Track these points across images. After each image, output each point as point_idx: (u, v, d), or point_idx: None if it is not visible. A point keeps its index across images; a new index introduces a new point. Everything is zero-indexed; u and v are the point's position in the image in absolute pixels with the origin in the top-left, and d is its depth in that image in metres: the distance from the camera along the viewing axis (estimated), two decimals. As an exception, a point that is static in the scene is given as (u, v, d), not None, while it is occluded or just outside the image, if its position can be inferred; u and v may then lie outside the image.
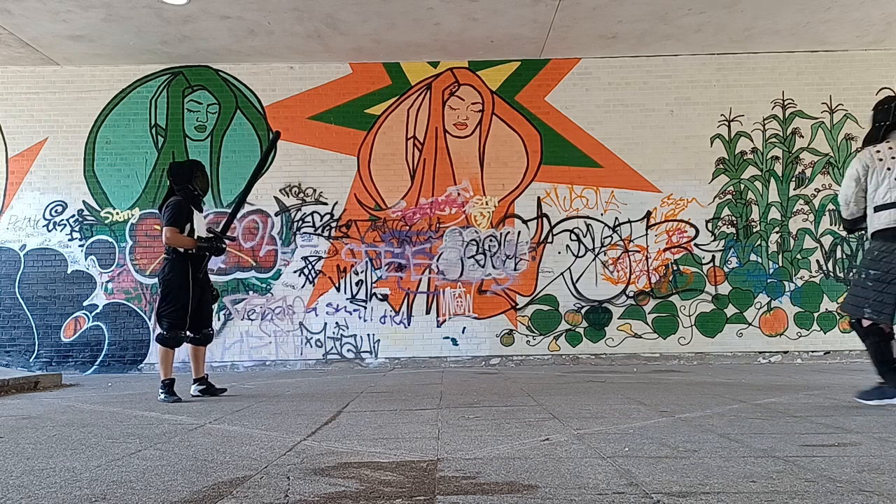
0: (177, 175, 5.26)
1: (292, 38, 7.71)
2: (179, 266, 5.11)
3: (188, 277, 5.12)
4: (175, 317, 5.08)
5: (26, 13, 6.96)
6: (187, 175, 5.24)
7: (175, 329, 5.08)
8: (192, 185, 5.23)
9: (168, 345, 5.11)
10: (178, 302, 5.09)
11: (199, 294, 5.21)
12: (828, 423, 3.42)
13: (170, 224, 5.07)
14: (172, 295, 5.10)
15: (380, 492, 2.21)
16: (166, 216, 5.10)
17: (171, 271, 5.12)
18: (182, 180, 5.23)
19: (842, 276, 8.23)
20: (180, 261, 5.12)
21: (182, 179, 5.23)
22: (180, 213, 5.10)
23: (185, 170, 5.29)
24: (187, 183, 5.23)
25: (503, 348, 8.17)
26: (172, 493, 2.28)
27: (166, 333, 5.09)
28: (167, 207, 5.15)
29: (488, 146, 8.38)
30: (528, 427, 3.46)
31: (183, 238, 5.09)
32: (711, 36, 7.91)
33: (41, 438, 3.48)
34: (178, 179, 5.24)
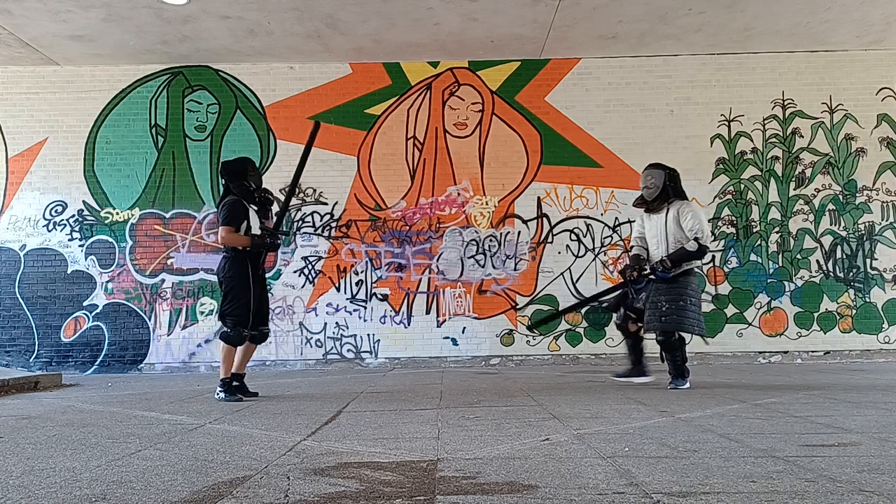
0: (231, 172, 5.18)
1: (292, 38, 7.71)
2: (239, 264, 5.06)
3: (248, 275, 5.07)
4: (239, 314, 5.02)
5: (26, 13, 6.96)
6: (242, 171, 5.18)
7: (240, 327, 5.02)
8: (247, 182, 5.17)
9: (232, 342, 5.05)
10: (242, 299, 5.02)
11: (258, 291, 5.15)
12: (828, 423, 3.42)
13: (225, 223, 5.02)
14: (235, 293, 5.04)
15: (380, 492, 2.21)
16: (222, 215, 5.06)
17: (231, 269, 5.07)
18: (237, 177, 5.15)
19: (842, 276, 8.23)
20: (240, 259, 5.07)
21: (237, 176, 5.15)
22: (236, 212, 5.06)
23: (239, 166, 5.22)
24: (242, 179, 5.16)
25: (503, 348, 8.17)
26: (172, 493, 2.28)
27: (231, 332, 5.02)
28: (223, 207, 5.10)
29: (488, 146, 8.38)
30: (528, 427, 3.46)
31: (238, 237, 5.06)
32: (711, 36, 7.91)
33: (41, 438, 3.48)
34: (232, 177, 5.16)
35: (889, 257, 8.26)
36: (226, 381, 5.01)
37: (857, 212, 8.30)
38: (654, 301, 5.10)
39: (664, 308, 5.03)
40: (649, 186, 5.25)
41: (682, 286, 5.06)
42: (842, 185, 8.33)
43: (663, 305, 5.03)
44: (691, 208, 5.17)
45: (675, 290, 5.06)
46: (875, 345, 8.15)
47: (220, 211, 5.11)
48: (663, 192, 5.21)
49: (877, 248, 8.27)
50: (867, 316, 8.18)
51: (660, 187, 5.22)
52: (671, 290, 5.06)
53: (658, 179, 5.23)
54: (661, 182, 5.22)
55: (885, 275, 8.23)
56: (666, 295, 5.05)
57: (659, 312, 5.04)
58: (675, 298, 5.02)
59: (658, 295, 5.09)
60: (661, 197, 5.22)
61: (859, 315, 8.18)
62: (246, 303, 5.04)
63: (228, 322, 5.04)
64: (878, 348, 8.13)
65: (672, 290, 5.06)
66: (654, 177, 5.24)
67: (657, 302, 5.07)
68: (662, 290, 5.08)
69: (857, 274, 8.24)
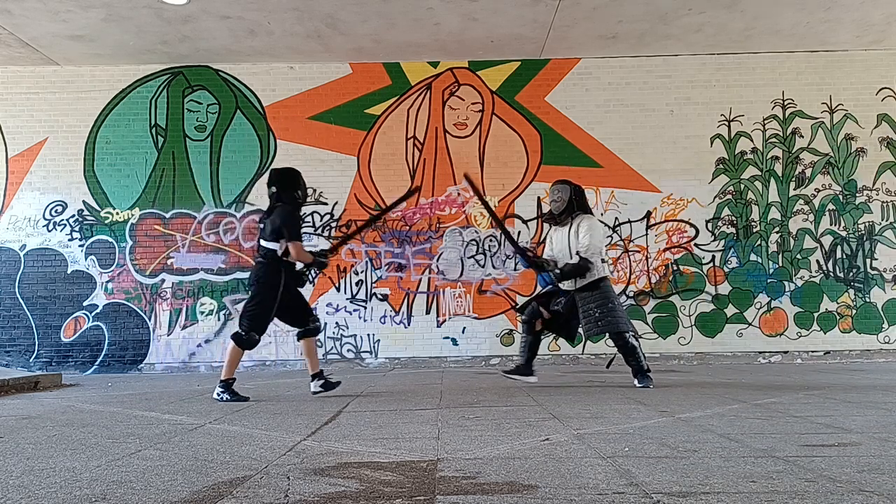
0: (286, 181, 5.11)
1: (292, 38, 7.71)
2: (276, 271, 5.02)
3: (280, 283, 5.02)
4: (258, 321, 5.01)
5: (26, 13, 6.96)
6: (295, 182, 5.13)
7: (254, 332, 5.01)
8: (297, 193, 5.14)
9: (243, 346, 5.04)
10: (266, 306, 5.00)
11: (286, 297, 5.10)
12: (828, 423, 3.42)
13: (295, 238, 4.97)
14: (261, 297, 5.01)
15: (380, 492, 2.21)
16: (289, 230, 4.96)
17: (266, 275, 5.02)
18: (292, 186, 5.10)
19: (842, 276, 8.23)
20: (277, 266, 5.02)
21: (292, 186, 5.10)
22: (299, 226, 5.09)
23: (293, 177, 5.15)
24: (296, 190, 5.11)
25: (503, 348, 8.17)
26: (172, 493, 2.28)
27: (245, 335, 5.01)
28: (285, 218, 4.99)
29: (488, 146, 8.38)
30: (528, 427, 3.46)
31: (306, 254, 5.06)
32: (711, 36, 7.91)
33: (41, 438, 3.48)
34: (286, 185, 5.09)
35: (889, 257, 8.26)
36: (227, 382, 4.98)
37: (857, 212, 8.30)
38: (585, 310, 5.36)
39: (597, 314, 5.31)
40: (556, 200, 5.52)
41: (603, 291, 5.38)
42: (842, 185, 8.33)
43: (596, 311, 5.32)
44: (588, 223, 5.45)
45: (601, 296, 5.36)
46: (875, 345, 8.15)
47: (282, 222, 4.97)
48: (569, 206, 5.48)
49: (877, 248, 8.27)
50: (867, 316, 8.18)
51: (566, 201, 5.48)
52: (597, 297, 5.36)
53: (564, 194, 5.49)
54: (567, 196, 5.48)
55: (885, 275, 8.23)
56: (594, 302, 5.35)
57: (595, 318, 5.32)
58: (603, 303, 5.33)
59: (587, 304, 5.36)
60: (566, 210, 5.50)
61: (859, 315, 8.18)
62: (269, 310, 5.02)
63: (245, 324, 5.03)
64: (878, 348, 8.13)
65: (597, 297, 5.36)
66: (560, 191, 5.51)
67: (589, 310, 5.35)
68: (589, 298, 5.37)
69: (857, 274, 8.24)
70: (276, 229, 4.97)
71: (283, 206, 5.04)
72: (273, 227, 4.99)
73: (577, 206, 5.49)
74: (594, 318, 5.31)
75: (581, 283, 5.40)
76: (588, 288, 5.39)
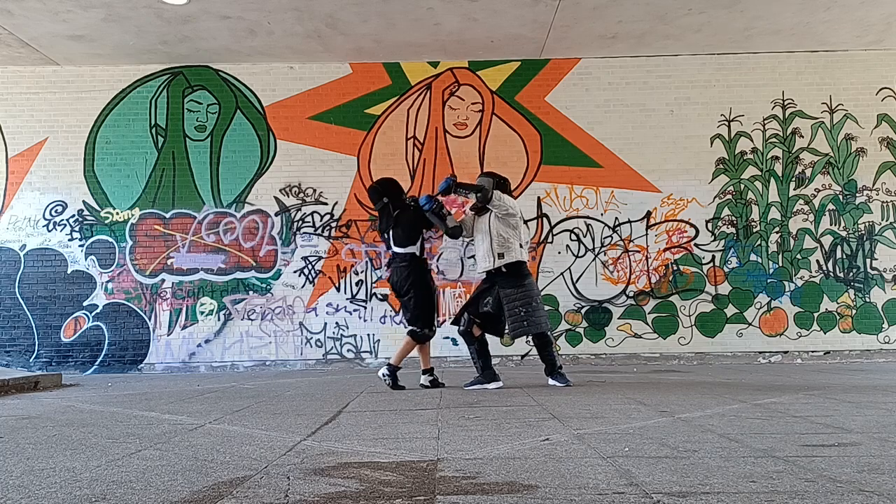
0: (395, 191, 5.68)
1: (292, 38, 7.72)
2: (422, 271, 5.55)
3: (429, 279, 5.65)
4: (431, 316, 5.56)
5: (26, 13, 6.96)
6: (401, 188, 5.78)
7: (428, 328, 5.55)
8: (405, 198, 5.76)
9: (421, 340, 5.56)
10: (430, 301, 5.56)
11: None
12: (828, 423, 3.42)
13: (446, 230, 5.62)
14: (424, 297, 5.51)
15: (380, 492, 2.21)
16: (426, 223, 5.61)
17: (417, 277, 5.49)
18: (400, 192, 5.72)
19: (842, 276, 8.24)
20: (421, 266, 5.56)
21: (400, 192, 5.73)
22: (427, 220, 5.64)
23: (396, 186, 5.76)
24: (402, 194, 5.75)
25: (502, 348, 8.16)
26: (172, 493, 2.28)
27: (421, 331, 5.51)
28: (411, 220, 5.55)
29: (488, 146, 8.38)
30: (528, 427, 3.46)
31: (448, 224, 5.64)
32: (711, 36, 7.91)
33: (41, 438, 3.48)
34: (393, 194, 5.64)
35: (889, 257, 8.26)
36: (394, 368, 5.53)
37: (857, 212, 8.30)
38: (510, 308, 5.47)
39: (522, 313, 5.44)
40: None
41: (527, 289, 5.51)
42: (842, 185, 8.33)
43: (521, 311, 5.44)
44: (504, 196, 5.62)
45: (524, 295, 5.47)
46: (875, 345, 8.15)
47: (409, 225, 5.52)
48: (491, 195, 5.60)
49: (877, 248, 8.27)
50: (867, 316, 8.18)
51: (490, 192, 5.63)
52: (521, 296, 5.47)
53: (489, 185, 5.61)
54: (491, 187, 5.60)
55: (885, 275, 8.23)
56: (519, 301, 5.46)
57: (521, 318, 5.46)
58: (527, 302, 5.46)
59: (512, 302, 5.47)
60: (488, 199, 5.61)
61: (859, 315, 8.19)
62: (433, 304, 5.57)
63: (419, 324, 5.51)
64: (878, 348, 8.14)
65: (521, 296, 5.47)
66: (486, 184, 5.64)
67: (514, 308, 5.46)
68: (513, 296, 5.47)
69: (857, 274, 8.24)
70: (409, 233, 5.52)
71: (404, 212, 5.56)
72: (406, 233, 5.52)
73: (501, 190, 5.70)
74: (520, 318, 5.45)
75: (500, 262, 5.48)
76: (512, 283, 5.49)
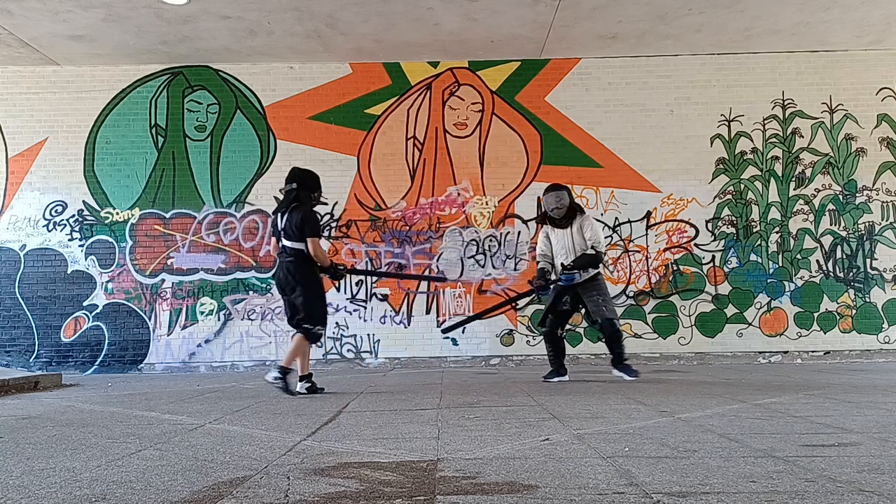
0: (309, 183, 5.26)
1: (292, 38, 7.71)
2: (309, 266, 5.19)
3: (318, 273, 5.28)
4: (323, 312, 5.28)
5: (26, 13, 6.96)
6: (316, 185, 5.29)
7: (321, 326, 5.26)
8: (314, 196, 5.28)
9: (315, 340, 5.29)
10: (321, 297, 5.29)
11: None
12: (828, 423, 3.42)
13: (316, 235, 5.14)
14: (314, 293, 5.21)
15: (380, 492, 2.21)
16: (310, 227, 5.10)
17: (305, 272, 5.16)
18: (313, 188, 5.26)
19: (842, 276, 8.24)
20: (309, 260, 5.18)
21: (313, 188, 5.26)
22: (319, 223, 5.26)
23: (315, 179, 5.32)
24: (313, 192, 5.26)
25: (503, 348, 8.18)
26: (172, 493, 2.28)
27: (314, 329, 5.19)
28: (305, 217, 5.12)
29: (488, 146, 8.38)
30: (528, 427, 3.46)
31: (324, 255, 5.23)
32: (711, 36, 7.91)
33: (41, 438, 3.48)
34: (308, 187, 5.25)
35: (889, 257, 8.26)
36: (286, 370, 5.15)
37: (857, 212, 8.30)
38: (589, 298, 5.83)
39: (600, 300, 5.83)
40: (559, 207, 5.84)
41: (600, 284, 5.90)
42: (842, 185, 8.33)
43: (599, 298, 5.82)
44: (590, 221, 5.92)
45: (598, 288, 5.86)
46: (875, 345, 8.15)
47: (301, 221, 5.10)
48: (570, 210, 5.86)
49: (877, 248, 8.27)
50: (867, 316, 8.19)
51: (567, 206, 5.85)
52: (596, 288, 5.85)
53: (565, 200, 5.85)
54: (567, 202, 5.86)
55: (885, 275, 8.23)
56: (595, 290, 5.84)
57: (599, 305, 5.82)
58: (602, 292, 5.87)
59: (590, 293, 5.83)
60: (568, 215, 5.86)
61: (859, 315, 8.19)
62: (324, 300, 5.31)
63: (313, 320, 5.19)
64: (878, 348, 8.14)
65: (597, 288, 5.85)
66: (561, 198, 5.85)
67: (592, 297, 5.83)
68: (590, 288, 5.83)
69: (857, 274, 8.24)
70: (299, 228, 5.11)
71: (301, 205, 5.19)
72: (297, 227, 5.11)
73: (577, 209, 5.95)
74: (599, 304, 5.81)
75: (585, 276, 5.81)
76: (588, 281, 5.84)
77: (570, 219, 5.87)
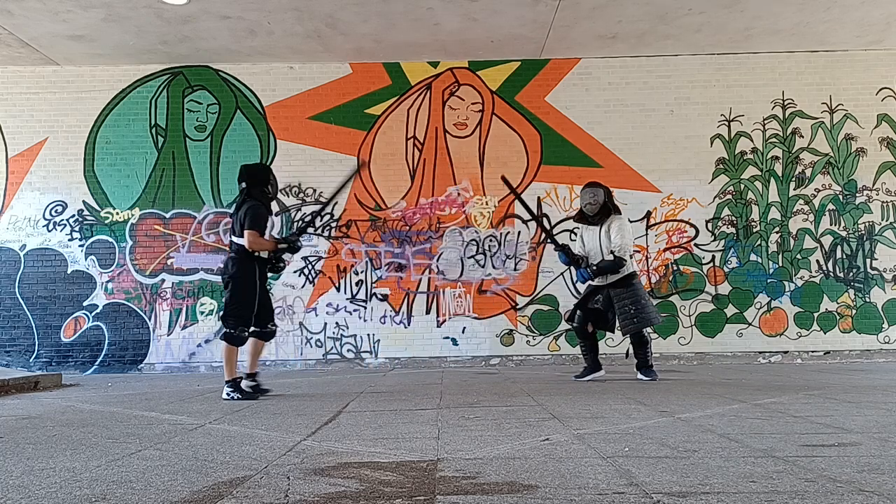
0: (254, 177, 5.22)
1: (292, 38, 7.71)
2: (248, 265, 5.10)
3: (256, 276, 5.12)
4: (244, 315, 5.09)
5: (26, 13, 6.96)
6: (264, 178, 5.25)
7: (243, 327, 5.08)
8: (267, 189, 5.24)
9: (235, 343, 5.09)
10: (247, 300, 5.09)
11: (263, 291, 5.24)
12: (828, 423, 3.42)
13: (252, 227, 5.03)
14: (240, 293, 5.08)
15: (380, 492, 2.21)
16: (248, 220, 5.05)
17: (239, 270, 5.08)
18: (260, 183, 5.21)
19: (842, 276, 8.23)
20: (248, 260, 5.10)
21: (260, 182, 5.21)
22: (261, 217, 5.11)
23: (262, 173, 5.29)
24: (264, 186, 5.22)
25: (503, 348, 8.17)
26: (172, 493, 2.28)
27: (234, 332, 5.05)
28: (247, 210, 5.09)
29: (488, 146, 8.38)
30: (528, 427, 3.46)
31: (265, 241, 5.11)
32: (711, 36, 7.91)
33: (41, 438, 3.48)
34: (255, 181, 5.21)
35: (889, 257, 8.26)
36: (232, 382, 5.02)
37: (857, 212, 8.30)
38: (621, 307, 5.69)
39: (632, 311, 5.64)
40: (592, 203, 5.77)
41: (635, 288, 5.71)
42: (842, 185, 8.33)
43: (630, 308, 5.64)
44: (620, 223, 5.75)
45: (633, 294, 5.68)
46: (875, 345, 8.15)
47: (244, 215, 5.08)
48: (603, 207, 5.77)
49: (877, 248, 8.27)
50: (867, 316, 8.18)
51: (601, 204, 5.77)
52: (630, 295, 5.67)
53: (599, 197, 5.77)
54: (602, 199, 5.77)
55: (885, 275, 8.23)
56: (628, 299, 5.67)
57: (630, 315, 5.65)
58: (636, 300, 5.66)
59: (622, 301, 5.68)
60: (601, 212, 5.78)
61: (859, 315, 8.18)
62: (250, 304, 5.10)
63: (231, 322, 5.07)
64: (878, 348, 8.14)
65: (631, 294, 5.67)
66: (595, 194, 5.77)
67: (624, 307, 5.67)
68: (623, 295, 5.68)
69: (857, 274, 8.24)
70: (242, 224, 5.07)
71: (250, 200, 5.15)
72: (240, 223, 5.09)
73: (612, 208, 5.83)
74: (630, 315, 5.64)
75: (613, 278, 5.71)
76: (621, 284, 5.70)
77: (602, 217, 5.77)
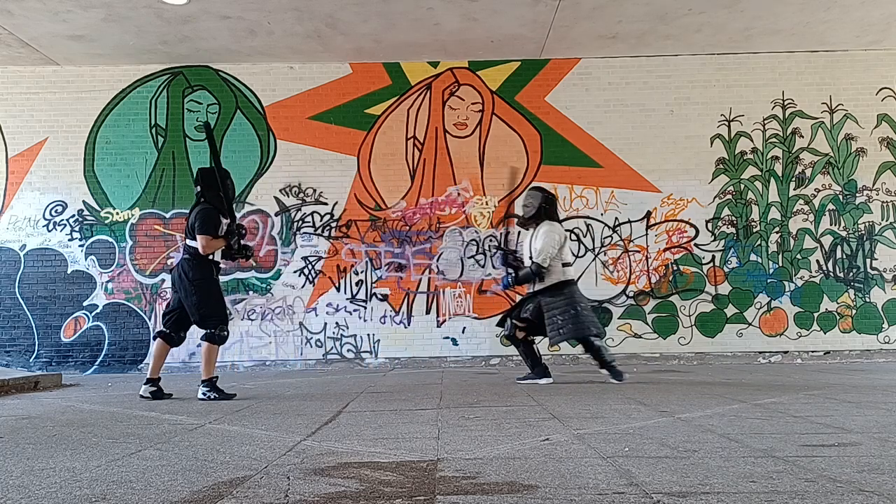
0: (207, 181, 5.23)
1: (292, 38, 7.71)
2: (205, 267, 5.14)
3: (212, 274, 5.19)
4: (220, 312, 5.15)
5: (26, 13, 6.96)
6: (216, 182, 5.23)
7: (223, 325, 5.14)
8: (222, 193, 5.23)
9: (218, 342, 5.15)
10: (218, 297, 5.19)
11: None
12: (828, 423, 3.42)
13: (203, 232, 5.06)
14: (208, 294, 5.13)
15: (380, 492, 2.21)
16: (198, 224, 5.07)
17: (198, 273, 5.11)
18: (212, 187, 5.21)
19: (842, 276, 8.23)
20: (205, 262, 5.14)
21: (212, 186, 5.21)
22: (210, 219, 5.11)
23: (212, 177, 5.27)
24: (218, 190, 5.21)
25: (503, 348, 8.15)
26: (172, 493, 2.28)
27: (216, 331, 5.11)
28: (198, 214, 5.12)
29: (488, 146, 8.38)
30: (528, 427, 3.46)
31: (215, 242, 5.13)
32: (711, 36, 7.91)
33: (41, 438, 3.48)
34: (208, 185, 5.22)
35: (889, 257, 8.26)
36: (211, 381, 5.07)
37: (857, 212, 8.30)
38: (549, 318, 5.46)
39: (559, 321, 5.43)
40: (527, 206, 5.67)
41: (566, 297, 5.49)
42: (842, 185, 8.33)
43: (558, 319, 5.43)
44: (547, 229, 5.54)
45: (563, 303, 5.47)
46: (875, 345, 8.15)
47: (195, 219, 5.12)
48: (537, 212, 5.64)
49: (877, 248, 8.27)
50: (867, 316, 8.18)
51: (535, 208, 5.64)
52: (559, 304, 5.47)
53: (535, 200, 5.65)
54: (538, 203, 5.63)
55: (885, 275, 8.23)
56: (557, 309, 5.46)
57: (557, 326, 5.44)
58: (566, 310, 5.44)
59: (550, 310, 5.47)
60: (534, 217, 5.65)
61: (859, 315, 8.18)
62: (221, 299, 5.21)
63: (212, 322, 5.12)
64: (878, 348, 8.13)
65: (560, 304, 5.47)
66: (532, 198, 5.67)
67: (552, 317, 5.45)
68: (552, 304, 5.48)
69: (857, 274, 8.24)
70: (193, 227, 5.12)
71: (202, 204, 5.19)
72: (191, 226, 5.14)
73: (544, 213, 5.66)
74: (557, 326, 5.45)
75: (540, 285, 5.57)
76: (550, 292, 5.53)
77: (537, 222, 5.65)
